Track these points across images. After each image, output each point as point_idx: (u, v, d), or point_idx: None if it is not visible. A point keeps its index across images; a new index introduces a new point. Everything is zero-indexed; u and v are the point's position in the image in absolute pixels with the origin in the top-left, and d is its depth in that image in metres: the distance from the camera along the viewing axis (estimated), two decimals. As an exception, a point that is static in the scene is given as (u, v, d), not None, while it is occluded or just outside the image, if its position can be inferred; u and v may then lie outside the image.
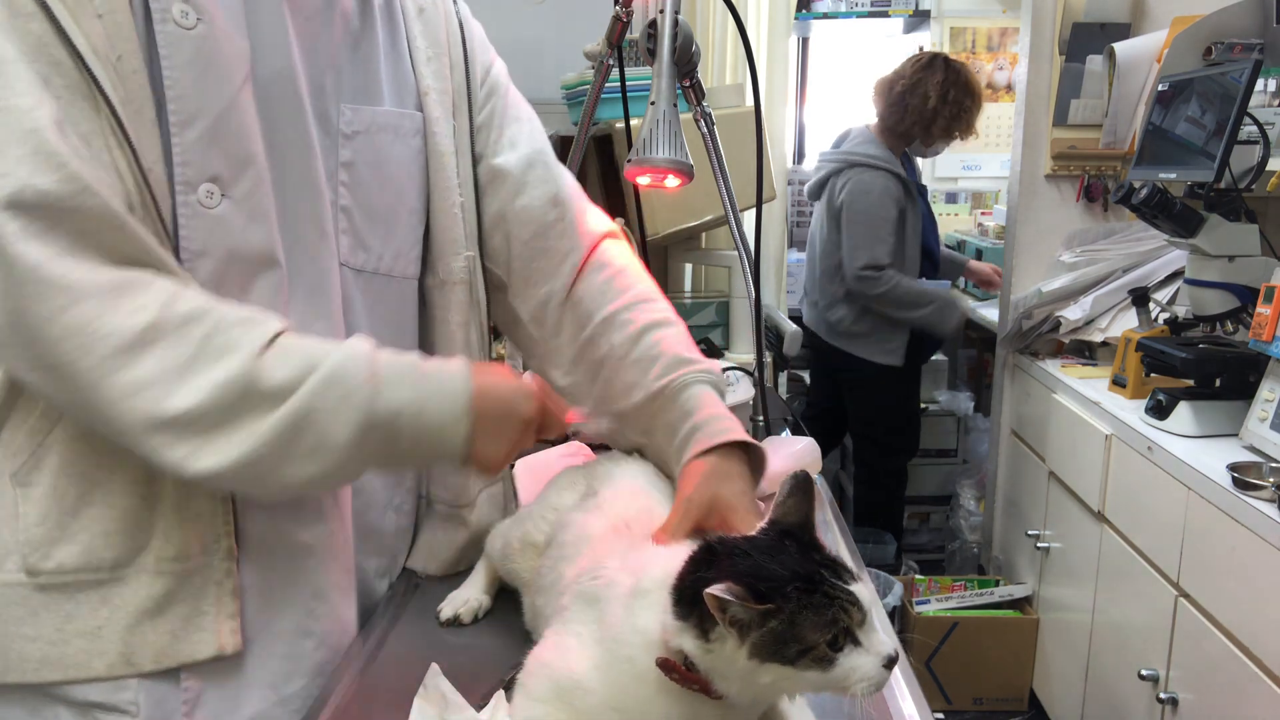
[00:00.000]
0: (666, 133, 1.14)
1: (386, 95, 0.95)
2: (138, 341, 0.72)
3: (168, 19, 0.76)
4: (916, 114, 2.87)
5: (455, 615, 0.99)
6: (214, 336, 0.75)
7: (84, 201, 0.71)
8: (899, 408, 3.10)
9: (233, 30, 0.80)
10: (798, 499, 0.73)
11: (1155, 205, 1.90)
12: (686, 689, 0.67)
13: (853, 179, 2.89)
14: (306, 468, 0.77)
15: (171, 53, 0.77)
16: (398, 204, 0.96)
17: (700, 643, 0.65)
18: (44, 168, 0.70)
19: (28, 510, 0.78)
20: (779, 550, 0.68)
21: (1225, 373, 1.87)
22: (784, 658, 0.63)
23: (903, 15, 4.03)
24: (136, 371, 0.72)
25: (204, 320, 0.75)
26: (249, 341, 0.76)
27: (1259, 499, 1.55)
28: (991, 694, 2.64)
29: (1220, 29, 2.18)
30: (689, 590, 0.66)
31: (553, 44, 2.65)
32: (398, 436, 0.80)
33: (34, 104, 0.71)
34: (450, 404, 0.82)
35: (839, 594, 0.65)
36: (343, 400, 0.77)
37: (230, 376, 0.74)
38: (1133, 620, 2.00)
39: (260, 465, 0.75)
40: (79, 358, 0.71)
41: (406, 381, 0.81)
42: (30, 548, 0.78)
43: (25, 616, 0.78)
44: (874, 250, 2.84)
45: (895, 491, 3.28)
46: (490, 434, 0.84)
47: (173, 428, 0.73)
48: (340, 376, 0.78)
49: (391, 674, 0.91)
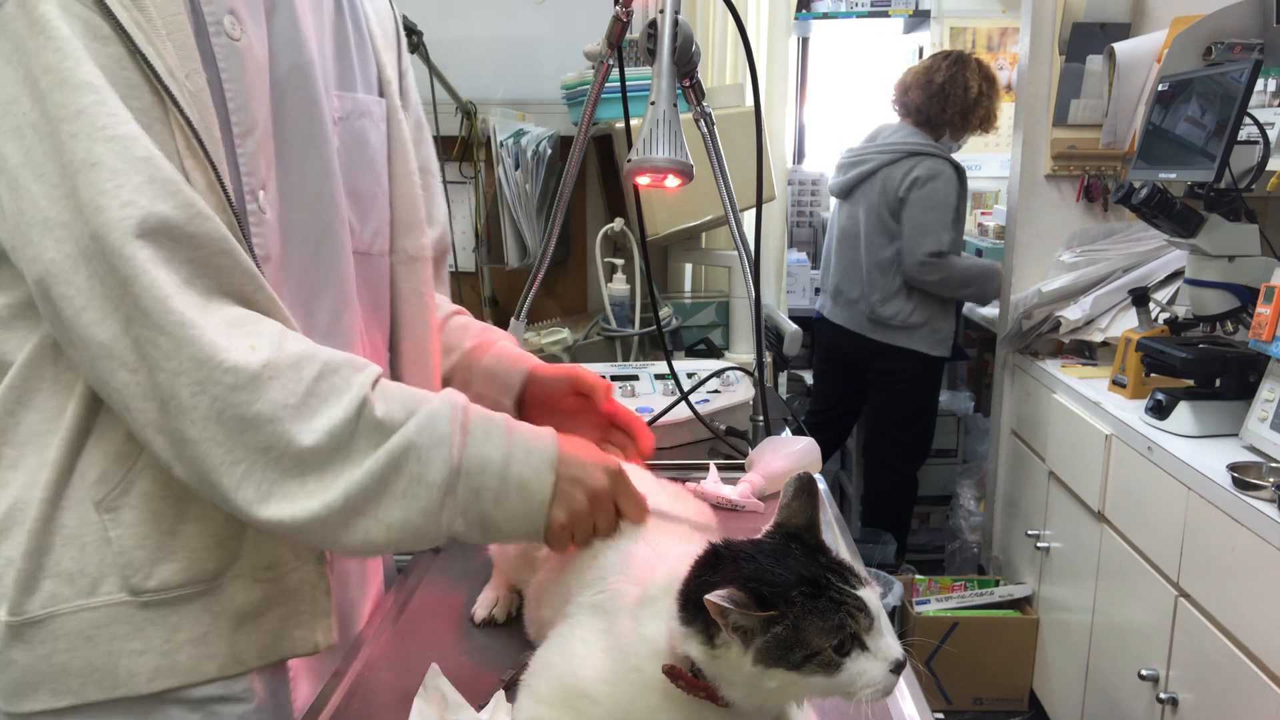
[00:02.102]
0: (666, 133, 1.13)
1: (359, 82, 0.97)
2: (255, 379, 0.73)
3: (220, 31, 0.78)
4: (959, 104, 2.93)
5: (490, 616, 0.99)
6: (326, 377, 0.77)
7: (200, 226, 0.73)
8: (930, 406, 3.14)
9: (257, 33, 0.81)
10: (803, 501, 0.72)
11: (1155, 205, 1.90)
12: (694, 696, 0.67)
13: (917, 167, 2.90)
14: (398, 510, 0.77)
15: (228, 65, 0.78)
16: (375, 186, 0.98)
17: (706, 649, 0.65)
18: (162, 195, 0.71)
19: (121, 534, 0.80)
20: (785, 554, 0.67)
21: (1225, 373, 1.87)
22: (789, 663, 0.63)
23: (903, 15, 4.04)
24: (255, 408, 0.73)
25: (315, 361, 0.77)
26: (359, 383, 0.78)
27: (1259, 499, 1.55)
28: (991, 694, 2.64)
29: (1220, 29, 2.18)
30: (694, 596, 0.65)
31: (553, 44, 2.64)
32: (483, 489, 0.80)
33: (139, 132, 0.72)
34: (537, 461, 0.82)
35: (846, 599, 0.64)
36: (440, 440, 0.78)
37: (347, 416, 0.76)
38: (1133, 620, 2.00)
39: (357, 502, 0.76)
40: (196, 392, 0.72)
41: (495, 434, 0.82)
42: (131, 569, 0.80)
43: (131, 633, 0.81)
44: (940, 236, 2.89)
45: (909, 493, 3.29)
46: (569, 500, 0.83)
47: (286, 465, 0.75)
48: (438, 417, 0.79)
49: (391, 674, 0.91)
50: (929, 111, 2.96)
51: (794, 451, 1.36)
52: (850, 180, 3.04)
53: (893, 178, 2.93)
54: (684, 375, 1.58)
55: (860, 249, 3.05)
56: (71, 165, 0.70)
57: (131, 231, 0.70)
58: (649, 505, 0.88)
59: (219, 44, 0.78)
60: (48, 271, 0.71)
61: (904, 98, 3.02)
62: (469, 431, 0.80)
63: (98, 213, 0.70)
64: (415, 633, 0.99)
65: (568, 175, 1.52)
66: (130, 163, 0.70)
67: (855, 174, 3.03)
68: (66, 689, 0.80)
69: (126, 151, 0.71)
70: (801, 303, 3.57)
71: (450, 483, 0.78)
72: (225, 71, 0.78)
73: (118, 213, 0.70)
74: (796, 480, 0.73)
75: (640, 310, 2.36)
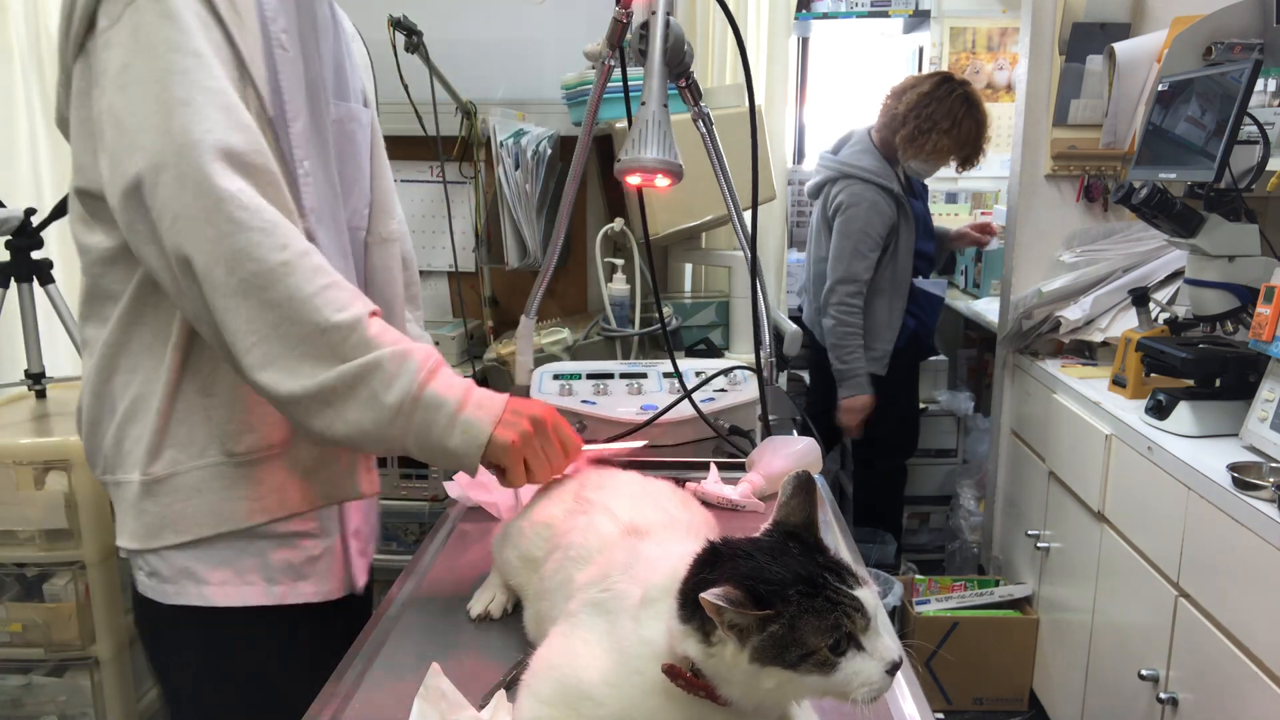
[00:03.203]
0: (656, 133, 1.14)
1: (350, 94, 1.20)
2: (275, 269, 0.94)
3: (279, 45, 1.04)
4: (908, 130, 2.84)
5: (485, 612, 1.00)
6: (336, 287, 0.97)
7: (258, 159, 0.96)
8: (890, 409, 3.09)
9: (297, 50, 1.07)
10: (801, 499, 0.72)
11: (1155, 205, 1.90)
12: (693, 695, 0.67)
13: (845, 190, 2.88)
14: (354, 413, 0.97)
15: (283, 70, 1.04)
16: (357, 174, 1.22)
17: (703, 647, 0.65)
18: (236, 129, 0.95)
19: (217, 414, 1.07)
20: (783, 552, 0.67)
21: (1225, 373, 1.87)
22: (785, 662, 0.63)
23: (903, 15, 4.03)
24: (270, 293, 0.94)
25: (329, 273, 0.98)
26: (361, 304, 0.99)
27: (1259, 499, 1.55)
28: (991, 694, 2.64)
29: (1220, 29, 2.18)
30: (693, 594, 0.65)
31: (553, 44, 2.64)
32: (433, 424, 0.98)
33: (228, 88, 0.96)
34: (485, 413, 0.99)
35: (842, 598, 0.64)
36: (406, 372, 0.97)
37: (343, 321, 0.96)
38: (1133, 620, 2.00)
39: (327, 396, 0.96)
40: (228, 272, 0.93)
41: (457, 385, 0.99)
42: (226, 438, 1.07)
43: (229, 485, 1.08)
44: (852, 266, 2.85)
45: (894, 491, 3.28)
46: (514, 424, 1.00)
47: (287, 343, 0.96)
48: (412, 356, 0.98)
49: (391, 674, 0.91)
50: (883, 133, 2.93)
51: (794, 452, 1.36)
52: (813, 186, 3.06)
53: (829, 195, 2.94)
54: (691, 374, 1.57)
55: (814, 258, 3.08)
56: (170, 104, 0.93)
57: (210, 148, 0.93)
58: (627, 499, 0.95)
59: (278, 54, 1.04)
60: (139, 178, 0.93)
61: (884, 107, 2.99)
62: (436, 376, 0.99)
63: (185, 134, 0.93)
64: (415, 633, 0.99)
65: (573, 175, 1.52)
66: (216, 106, 0.94)
67: (815, 181, 3.04)
68: (185, 529, 1.08)
69: (214, 99, 0.94)
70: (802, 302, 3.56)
71: (405, 408, 0.97)
72: (281, 74, 1.04)
73: (201, 135, 0.93)
74: (794, 478, 0.73)
75: (640, 310, 2.36)
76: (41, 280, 1.97)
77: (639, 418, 1.51)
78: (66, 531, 1.83)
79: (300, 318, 0.95)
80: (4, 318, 1.97)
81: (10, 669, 1.89)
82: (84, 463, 1.76)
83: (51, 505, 1.81)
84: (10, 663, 1.89)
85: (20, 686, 1.90)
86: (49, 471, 1.82)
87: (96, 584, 1.85)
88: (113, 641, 1.88)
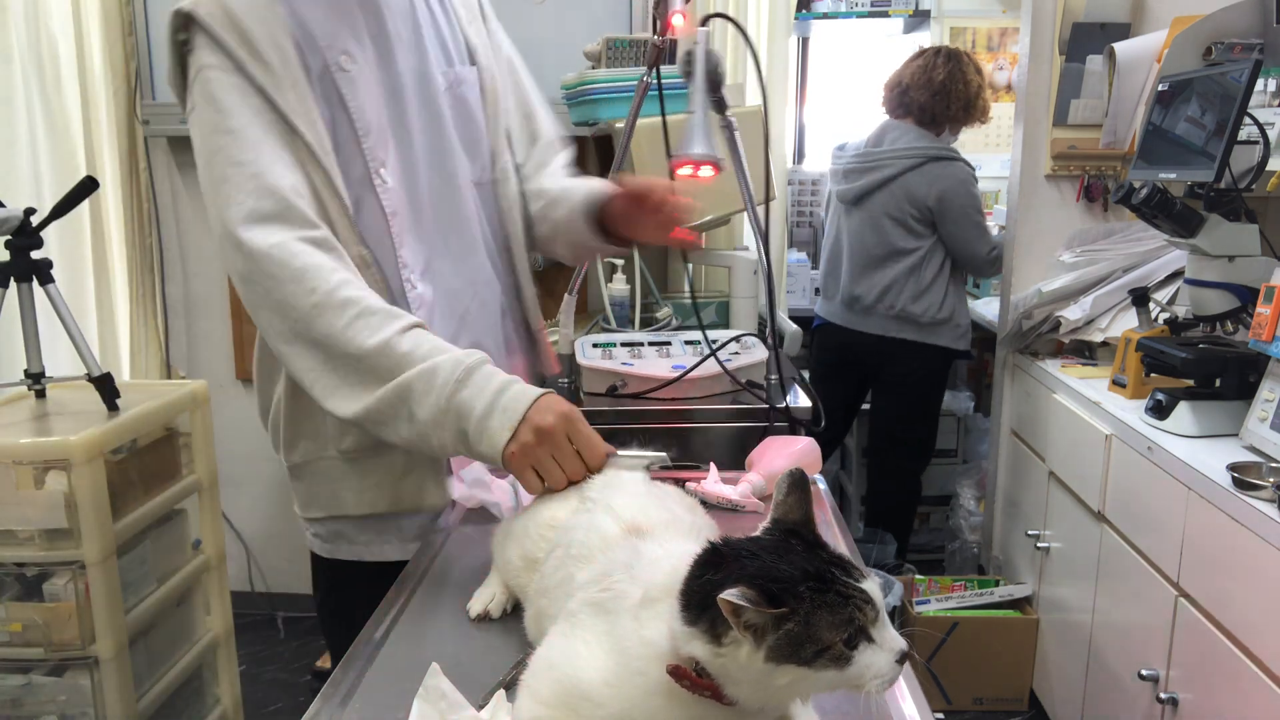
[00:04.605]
0: (702, 133, 1.51)
1: (455, 58, 1.34)
2: (309, 312, 1.09)
3: (338, 69, 1.19)
4: (962, 98, 2.95)
5: (485, 611, 1.00)
6: (364, 316, 1.09)
7: (290, 211, 1.12)
8: (935, 408, 3.16)
9: (367, 56, 1.21)
10: (797, 496, 0.72)
11: (1155, 205, 1.90)
12: (698, 696, 0.66)
13: (942, 173, 2.90)
14: (404, 429, 1.08)
15: (347, 90, 1.20)
16: (476, 133, 1.36)
17: (712, 647, 0.64)
18: (263, 195, 1.11)
19: (325, 417, 1.24)
20: (787, 549, 0.67)
21: (1225, 373, 1.87)
22: (800, 659, 0.63)
23: (903, 15, 4.03)
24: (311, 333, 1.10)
25: (357, 305, 1.09)
26: (390, 328, 1.09)
27: (1259, 499, 1.55)
28: (991, 694, 2.64)
29: (1220, 29, 2.18)
30: (698, 595, 0.65)
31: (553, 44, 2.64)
32: (463, 431, 1.05)
33: (264, 152, 1.12)
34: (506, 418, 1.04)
35: (852, 592, 0.64)
36: (433, 389, 1.06)
37: (374, 348, 1.07)
38: (1133, 620, 2.00)
39: (379, 417, 1.09)
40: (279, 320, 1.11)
41: (487, 391, 1.05)
42: (335, 437, 1.27)
43: (341, 476, 1.29)
44: (988, 236, 2.95)
45: (914, 495, 3.28)
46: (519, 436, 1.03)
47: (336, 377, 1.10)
48: (439, 369, 1.06)
49: (391, 674, 0.91)
50: (933, 109, 2.95)
51: (793, 451, 1.36)
52: (864, 186, 3.01)
53: (918, 182, 2.92)
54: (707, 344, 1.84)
55: (879, 254, 3.02)
56: (214, 183, 1.13)
57: (241, 218, 1.10)
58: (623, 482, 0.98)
59: (338, 77, 1.19)
60: (217, 248, 1.14)
61: (903, 97, 3.01)
62: (465, 385, 1.05)
63: (224, 208, 1.12)
64: (415, 633, 0.99)
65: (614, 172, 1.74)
66: (245, 176, 1.11)
67: (869, 180, 2.99)
68: (319, 507, 1.33)
69: (244, 170, 1.12)
70: (801, 303, 3.56)
71: (438, 420, 1.06)
72: (346, 94, 1.19)
73: (234, 207, 1.11)
74: (788, 476, 0.73)
75: (640, 310, 2.36)
76: (41, 280, 1.97)
77: (671, 374, 1.75)
78: (66, 531, 1.83)
79: (340, 351, 1.08)
80: (4, 318, 1.97)
81: (10, 669, 1.89)
82: (83, 462, 1.77)
83: (51, 505, 1.81)
84: (10, 662, 1.89)
85: (20, 686, 1.89)
86: (49, 471, 1.82)
87: (96, 584, 1.84)
88: (113, 641, 1.88)
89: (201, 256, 3.07)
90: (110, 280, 2.89)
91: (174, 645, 2.18)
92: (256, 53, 1.13)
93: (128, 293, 2.98)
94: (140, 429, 2.02)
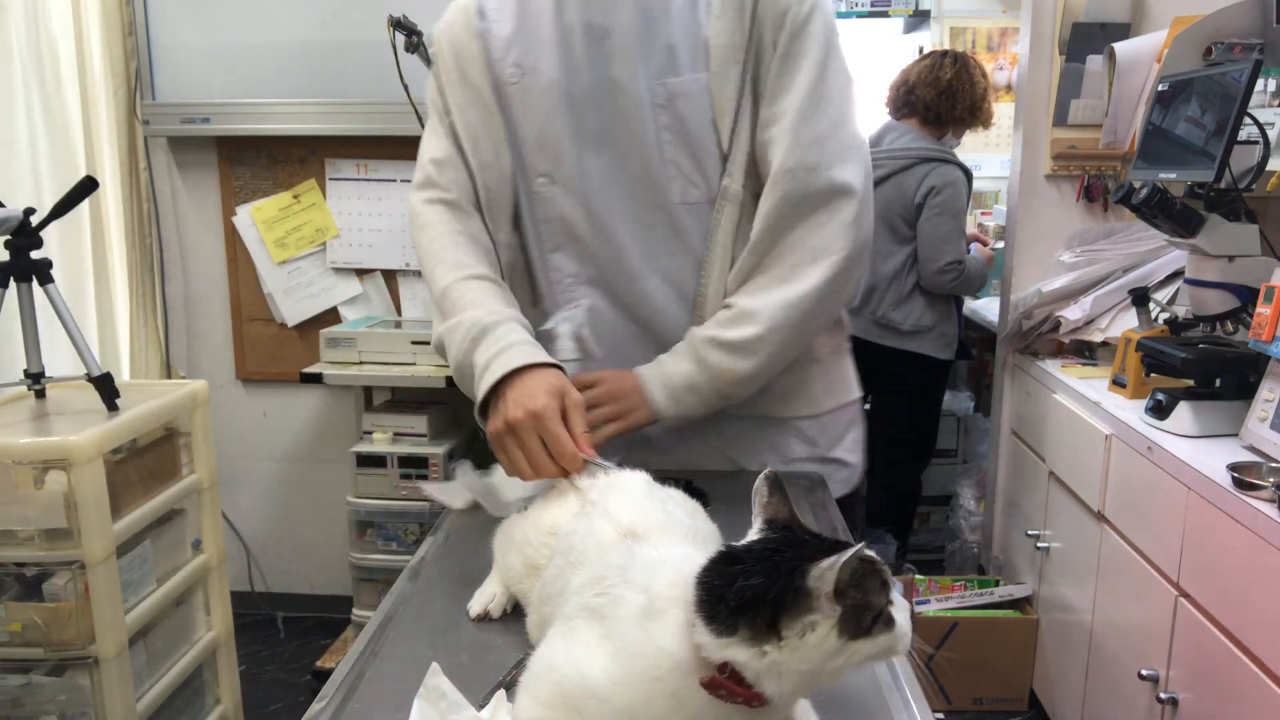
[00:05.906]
0: None
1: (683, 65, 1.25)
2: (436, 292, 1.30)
3: (504, 83, 1.30)
4: (969, 99, 2.95)
5: (485, 611, 0.99)
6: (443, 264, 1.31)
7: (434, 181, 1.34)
8: (935, 408, 3.15)
9: (539, 65, 1.27)
10: (779, 497, 0.74)
11: (1155, 205, 1.90)
12: (733, 703, 0.66)
13: (931, 175, 2.90)
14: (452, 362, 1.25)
15: (513, 100, 1.30)
16: (700, 152, 1.28)
17: (757, 648, 0.64)
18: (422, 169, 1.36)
19: None
20: (797, 541, 0.68)
21: (1225, 373, 1.87)
22: (862, 629, 0.64)
23: (903, 15, 4.04)
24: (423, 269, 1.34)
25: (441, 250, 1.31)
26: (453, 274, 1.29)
27: (1259, 499, 1.55)
28: (991, 694, 2.64)
29: (1220, 29, 2.18)
30: (733, 601, 0.64)
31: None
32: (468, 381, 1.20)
33: (435, 143, 1.36)
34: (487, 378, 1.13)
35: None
36: (453, 344, 1.23)
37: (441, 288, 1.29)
38: (1133, 620, 2.00)
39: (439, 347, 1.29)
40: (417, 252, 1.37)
41: (489, 350, 1.17)
42: None
43: None
44: (958, 245, 2.92)
45: (914, 495, 3.28)
46: (496, 413, 1.10)
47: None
48: (460, 327, 1.22)
49: (391, 674, 0.91)
50: (939, 108, 2.95)
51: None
52: None
53: (907, 184, 2.92)
54: None
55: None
56: None
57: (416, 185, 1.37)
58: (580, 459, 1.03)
59: (509, 90, 1.30)
60: None
61: (909, 97, 3.01)
62: (478, 343, 1.19)
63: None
64: (415, 633, 0.99)
65: None
66: (424, 158, 1.36)
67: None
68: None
69: (424, 154, 1.37)
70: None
71: (459, 367, 1.22)
72: (513, 102, 1.30)
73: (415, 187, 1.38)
74: (765, 479, 0.74)
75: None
76: (41, 280, 1.97)
77: None
78: (66, 531, 1.83)
79: (431, 288, 1.31)
80: (4, 318, 1.97)
81: (10, 669, 1.89)
82: (83, 462, 1.77)
83: (51, 505, 1.81)
84: (10, 662, 1.89)
85: (20, 686, 1.89)
86: (49, 471, 1.82)
87: (96, 584, 1.84)
88: (113, 641, 1.88)
89: (201, 256, 3.06)
90: (110, 280, 2.89)
91: (174, 645, 2.18)
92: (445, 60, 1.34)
93: (127, 293, 2.98)
94: (140, 429, 2.02)
